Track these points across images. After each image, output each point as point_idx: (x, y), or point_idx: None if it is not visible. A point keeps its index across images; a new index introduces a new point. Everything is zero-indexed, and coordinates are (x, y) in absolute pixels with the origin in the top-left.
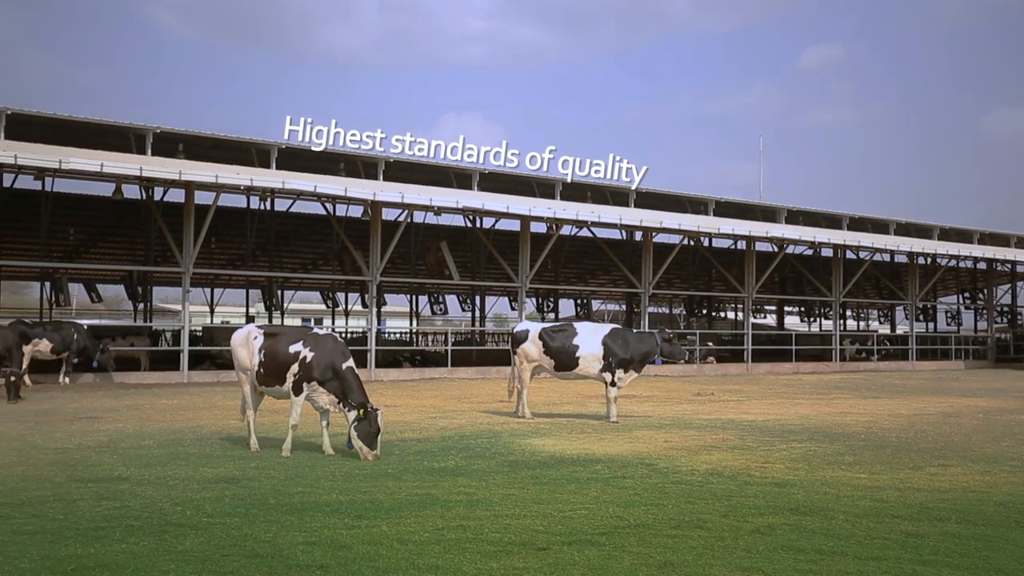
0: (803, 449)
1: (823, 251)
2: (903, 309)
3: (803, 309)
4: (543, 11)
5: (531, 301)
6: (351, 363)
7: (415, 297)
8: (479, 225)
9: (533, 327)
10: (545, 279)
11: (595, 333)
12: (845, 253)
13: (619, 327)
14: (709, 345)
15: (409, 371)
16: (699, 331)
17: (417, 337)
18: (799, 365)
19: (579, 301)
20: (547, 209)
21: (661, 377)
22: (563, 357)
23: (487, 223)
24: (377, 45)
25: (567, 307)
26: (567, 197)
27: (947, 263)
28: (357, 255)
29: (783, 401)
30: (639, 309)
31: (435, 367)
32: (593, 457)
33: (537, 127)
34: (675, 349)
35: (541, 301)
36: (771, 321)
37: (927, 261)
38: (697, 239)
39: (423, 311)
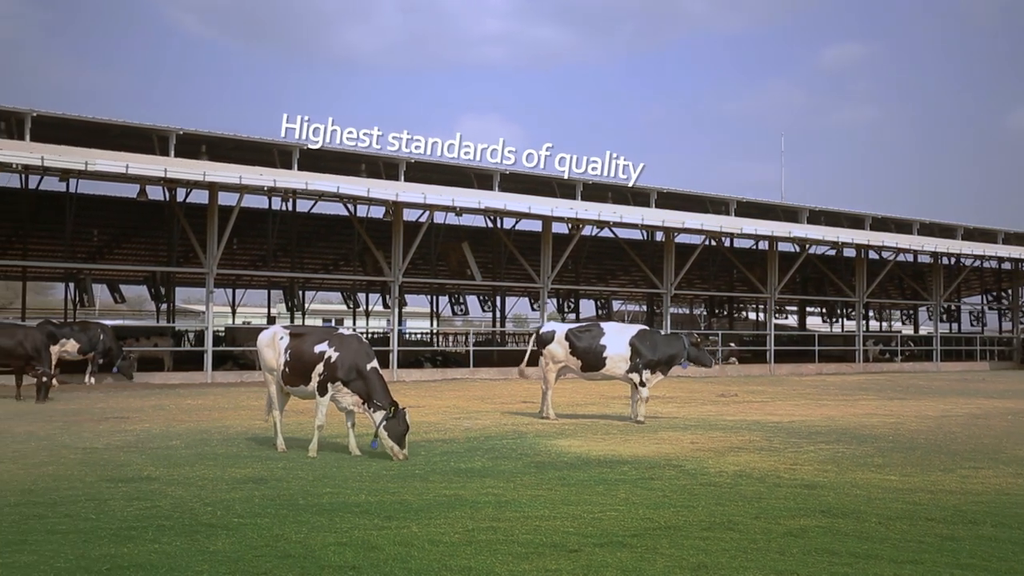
0: (831, 451)
1: (845, 251)
2: (926, 309)
3: (825, 310)
4: (561, 12)
5: (552, 301)
6: (375, 364)
7: (435, 298)
8: (500, 225)
9: (559, 328)
10: (566, 279)
11: (622, 334)
12: (868, 253)
13: (646, 328)
14: (731, 346)
15: (431, 371)
16: (721, 332)
17: (437, 338)
18: (822, 366)
19: (600, 302)
20: (569, 210)
21: (683, 378)
22: (590, 358)
23: (507, 223)
24: (396, 47)
25: (587, 307)
26: (587, 197)
27: (972, 263)
28: (379, 256)
29: (808, 402)
30: (659, 310)
31: (456, 367)
32: (619, 458)
33: (556, 128)
34: (702, 355)
35: (562, 301)
36: (792, 322)
37: (950, 261)
38: (719, 239)
39: (443, 312)
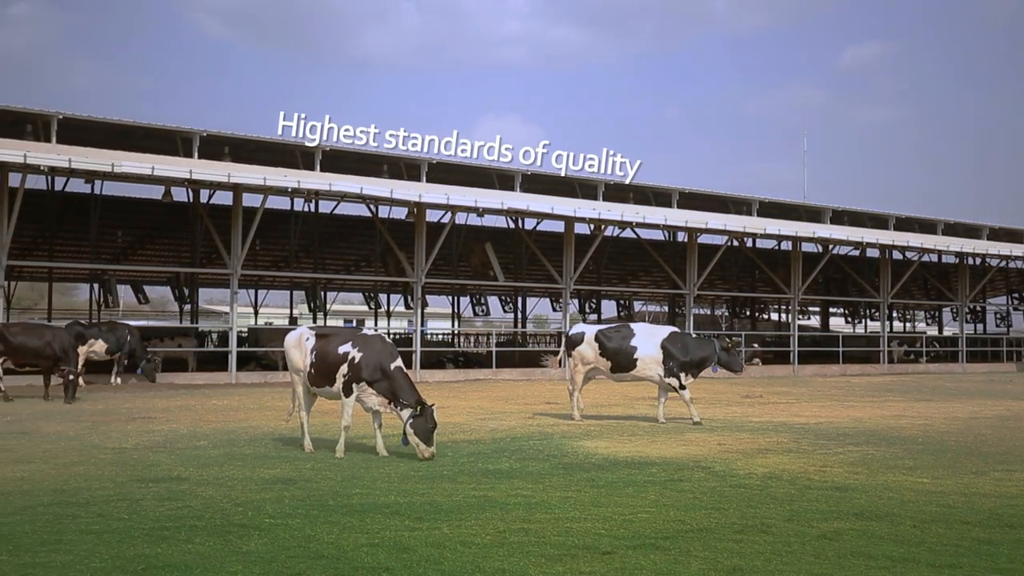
0: (860, 453)
1: (869, 251)
2: (951, 310)
3: (848, 310)
4: (580, 12)
5: (573, 302)
6: (400, 363)
7: (456, 298)
8: (521, 226)
9: (589, 329)
10: (587, 280)
11: (654, 335)
12: (892, 253)
13: (677, 330)
14: (755, 347)
15: (453, 372)
16: (744, 332)
17: (458, 338)
18: (846, 367)
19: (621, 302)
20: (592, 210)
21: (707, 379)
22: (620, 359)
23: (529, 224)
24: (415, 48)
25: (608, 308)
26: (609, 198)
27: (998, 264)
28: (401, 256)
29: (834, 404)
30: (680, 310)
31: (478, 368)
32: (647, 460)
33: (576, 128)
34: (733, 359)
35: (584, 302)
36: (814, 322)
37: (975, 262)
38: (741, 240)
39: (464, 312)
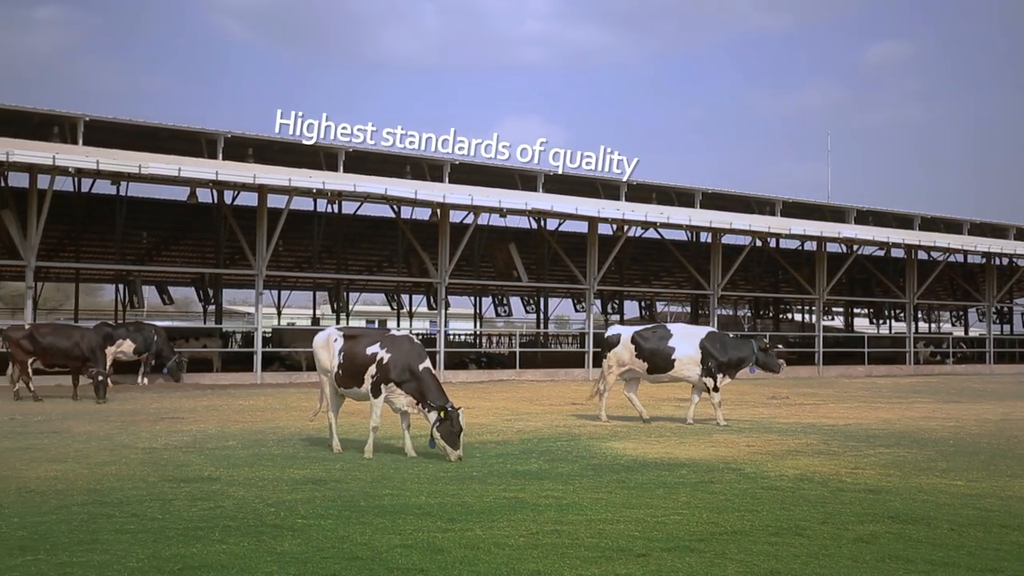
0: (892, 455)
1: (893, 252)
2: (977, 311)
3: (872, 311)
4: (601, 12)
5: (596, 303)
6: (428, 364)
7: (479, 299)
8: (544, 227)
9: (625, 331)
10: (610, 280)
11: (692, 335)
12: (917, 254)
13: (715, 330)
14: (779, 347)
15: (477, 373)
16: (768, 333)
17: (480, 339)
18: (871, 368)
19: (643, 303)
20: (616, 211)
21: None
22: (658, 359)
23: (551, 224)
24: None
25: (630, 308)
26: (631, 198)
27: None
28: (425, 257)
29: (861, 405)
30: (703, 311)
31: (501, 369)
32: (676, 461)
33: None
34: (771, 360)
35: (606, 302)
36: (837, 323)
37: (1002, 262)
38: (765, 240)
39: (486, 313)
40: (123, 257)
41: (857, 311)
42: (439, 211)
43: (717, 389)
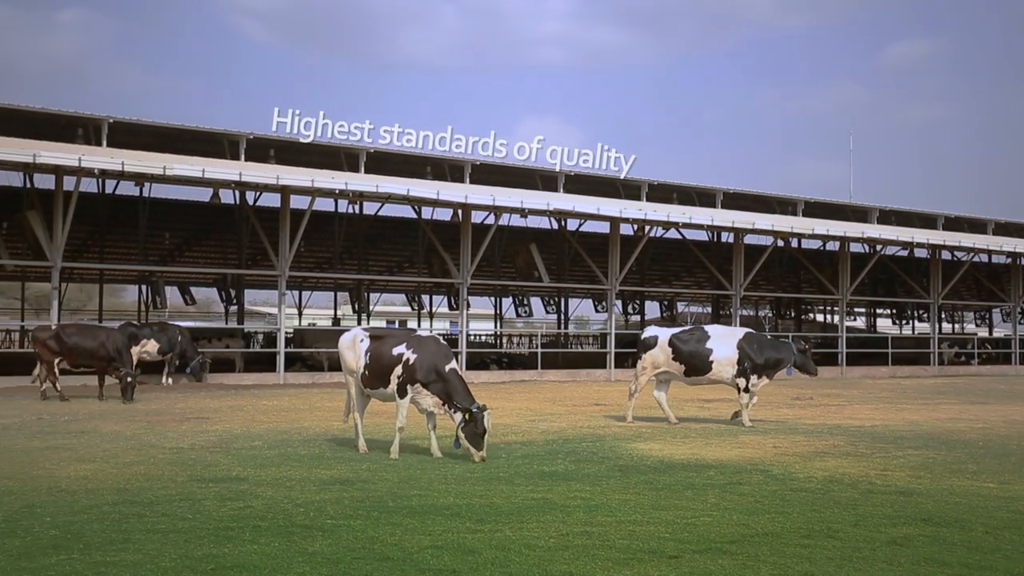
0: (921, 456)
1: (917, 252)
2: (1001, 311)
3: (894, 311)
4: (620, 12)
5: (616, 303)
6: (454, 365)
7: (499, 299)
8: (565, 227)
9: (662, 333)
10: (631, 281)
11: (730, 337)
12: (941, 254)
13: (753, 331)
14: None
15: (499, 373)
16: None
17: (501, 339)
18: (895, 369)
19: (664, 303)
20: (638, 211)
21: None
22: (696, 362)
23: (571, 224)
24: (455, 49)
25: (651, 309)
26: (652, 198)
27: None
28: (446, 257)
29: (887, 406)
30: (724, 311)
31: (522, 369)
32: (703, 462)
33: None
34: (808, 362)
35: (627, 303)
36: (859, 323)
37: None
38: (787, 240)
39: (506, 313)
40: (146, 258)
41: (879, 311)
42: (460, 211)
43: (748, 390)
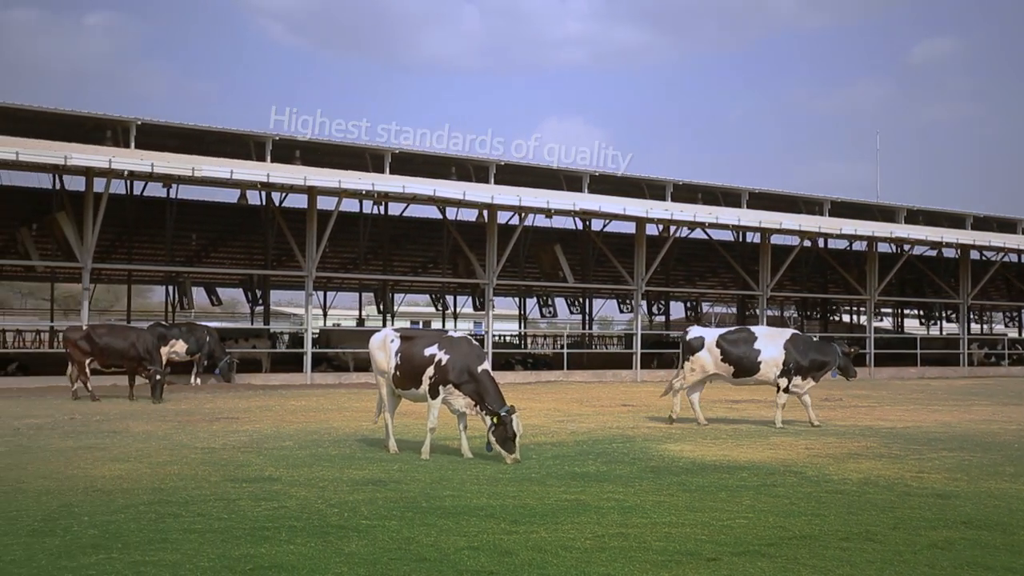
0: (956, 458)
1: (945, 251)
2: None
3: (922, 312)
4: (642, 12)
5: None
6: (487, 366)
7: (523, 299)
8: (589, 227)
9: (708, 334)
10: (656, 281)
11: (777, 338)
12: (970, 253)
13: (798, 333)
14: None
15: (524, 374)
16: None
17: (525, 340)
18: (924, 370)
19: (688, 303)
20: (664, 211)
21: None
22: (744, 363)
23: (596, 225)
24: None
25: (675, 309)
26: (677, 199)
27: None
28: (472, 257)
29: (918, 407)
30: (749, 312)
31: (547, 370)
32: (736, 464)
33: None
34: (849, 365)
35: (651, 303)
36: (886, 324)
37: None
38: (814, 240)
39: (530, 313)
40: (173, 259)
41: (906, 312)
42: (486, 212)
43: (788, 391)
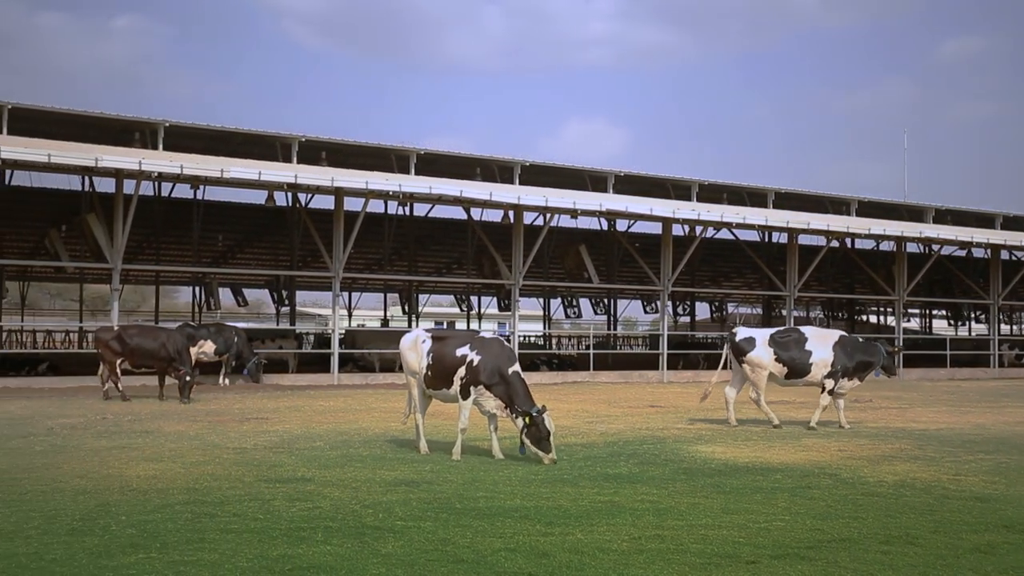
0: (993, 461)
1: (974, 251)
2: None
3: (950, 312)
4: (666, 12)
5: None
6: (518, 367)
7: (547, 300)
8: (615, 228)
9: (759, 335)
10: (681, 282)
11: (826, 339)
12: (1000, 253)
13: (845, 333)
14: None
15: (551, 375)
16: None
17: (550, 340)
18: (954, 371)
19: (714, 304)
20: (691, 211)
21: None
22: (797, 364)
23: (620, 225)
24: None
25: (700, 310)
26: (703, 199)
27: None
28: (498, 258)
29: (949, 409)
30: (775, 312)
31: (572, 371)
32: (769, 465)
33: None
34: (891, 365)
35: (676, 304)
36: (913, 325)
37: None
38: (842, 240)
39: (554, 314)
40: (199, 259)
41: (934, 312)
42: (512, 212)
43: (832, 392)
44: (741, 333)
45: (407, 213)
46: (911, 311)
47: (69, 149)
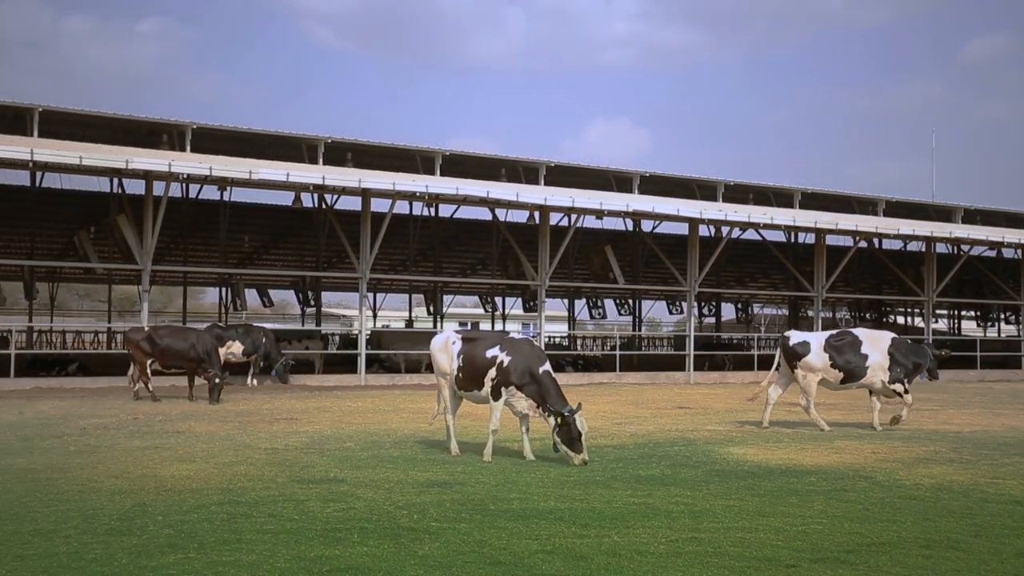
0: None
1: (1005, 252)
2: None
3: (979, 313)
4: (689, 12)
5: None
6: (548, 367)
7: (572, 301)
8: (640, 228)
9: (813, 339)
10: (707, 283)
11: (879, 342)
12: None
13: (897, 336)
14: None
15: (577, 376)
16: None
17: (575, 341)
18: (984, 372)
19: (739, 305)
20: (718, 212)
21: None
22: (852, 368)
23: (645, 226)
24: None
25: (726, 311)
26: (728, 199)
27: None
28: (523, 259)
29: (982, 411)
30: (802, 313)
31: (597, 371)
32: (802, 468)
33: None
34: (935, 368)
35: (701, 305)
36: (941, 326)
37: None
38: (871, 240)
39: (579, 315)
40: (226, 261)
41: (962, 313)
42: (538, 213)
43: (908, 392)
44: (794, 337)
45: (432, 214)
46: (939, 312)
47: (100, 151)
